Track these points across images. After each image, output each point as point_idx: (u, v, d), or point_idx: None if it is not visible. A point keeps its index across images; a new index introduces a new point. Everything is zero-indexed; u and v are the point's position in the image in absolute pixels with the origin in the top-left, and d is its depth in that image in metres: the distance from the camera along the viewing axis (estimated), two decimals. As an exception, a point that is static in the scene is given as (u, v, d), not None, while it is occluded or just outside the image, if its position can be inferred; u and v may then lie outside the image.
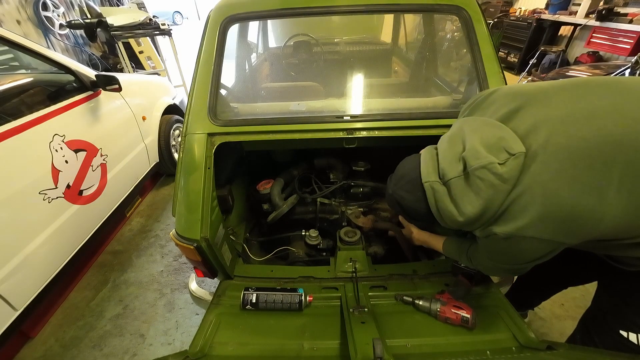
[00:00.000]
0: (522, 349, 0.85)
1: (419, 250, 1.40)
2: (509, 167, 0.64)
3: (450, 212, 0.72)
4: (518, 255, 0.74)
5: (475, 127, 0.73)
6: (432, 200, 0.74)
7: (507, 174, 0.64)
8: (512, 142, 0.66)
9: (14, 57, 2.82)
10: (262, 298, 1.02)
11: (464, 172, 0.69)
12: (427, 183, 0.74)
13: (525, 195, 0.65)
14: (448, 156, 0.72)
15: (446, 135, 0.79)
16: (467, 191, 0.69)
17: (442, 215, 0.75)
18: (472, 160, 0.67)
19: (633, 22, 4.07)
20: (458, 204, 0.71)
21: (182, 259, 2.14)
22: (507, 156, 0.65)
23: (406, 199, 0.81)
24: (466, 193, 0.69)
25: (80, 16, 4.28)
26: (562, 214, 0.62)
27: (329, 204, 1.52)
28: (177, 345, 1.63)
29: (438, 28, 1.97)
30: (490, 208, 0.68)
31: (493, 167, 0.64)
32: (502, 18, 6.34)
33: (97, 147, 1.90)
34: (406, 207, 0.82)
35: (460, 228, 0.77)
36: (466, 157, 0.68)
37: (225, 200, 1.33)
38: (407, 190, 0.80)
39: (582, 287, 1.75)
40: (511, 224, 0.68)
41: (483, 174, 0.65)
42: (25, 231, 1.46)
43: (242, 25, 1.93)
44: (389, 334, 0.90)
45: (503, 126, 0.70)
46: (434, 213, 0.77)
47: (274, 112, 1.34)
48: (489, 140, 0.67)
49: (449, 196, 0.72)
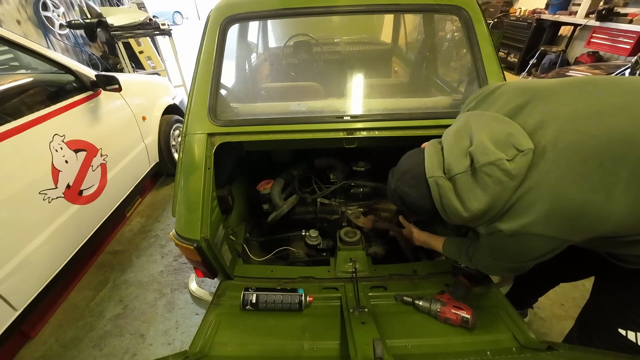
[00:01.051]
0: (522, 350, 0.85)
1: (419, 250, 1.40)
2: (517, 164, 0.64)
3: (455, 207, 0.71)
4: (521, 252, 0.74)
5: (483, 121, 0.72)
6: (437, 196, 0.73)
7: (515, 170, 0.64)
8: (521, 138, 0.65)
9: (14, 57, 2.82)
10: (262, 298, 1.02)
11: (471, 167, 0.68)
12: (431, 178, 0.73)
13: (532, 192, 0.64)
14: (454, 151, 0.71)
15: (451, 129, 0.78)
16: (473, 187, 0.68)
17: (447, 210, 0.74)
18: (480, 156, 0.66)
19: (633, 22, 4.07)
20: (464, 200, 0.70)
21: (182, 259, 2.14)
22: (516, 152, 0.64)
23: (410, 194, 0.79)
24: (472, 189, 0.68)
25: (80, 16, 4.28)
26: (570, 211, 0.62)
27: (329, 204, 1.52)
28: (177, 345, 1.63)
29: (438, 28, 1.97)
30: (497, 204, 0.67)
31: (501, 163, 0.64)
32: (502, 18, 6.34)
33: (97, 147, 1.90)
34: (409, 203, 0.81)
35: (464, 224, 0.77)
36: (474, 153, 0.67)
37: (225, 200, 1.33)
38: (410, 186, 0.79)
39: (582, 287, 1.76)
40: (517, 220, 0.67)
41: (491, 170, 0.65)
42: (25, 231, 1.46)
43: (242, 25, 1.93)
44: (389, 334, 0.90)
45: (511, 122, 0.69)
46: (438, 209, 0.76)
47: (274, 112, 1.34)
48: (497, 135, 0.67)
49: (454, 192, 0.71)
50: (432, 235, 1.21)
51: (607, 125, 0.61)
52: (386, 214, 1.56)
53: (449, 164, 0.71)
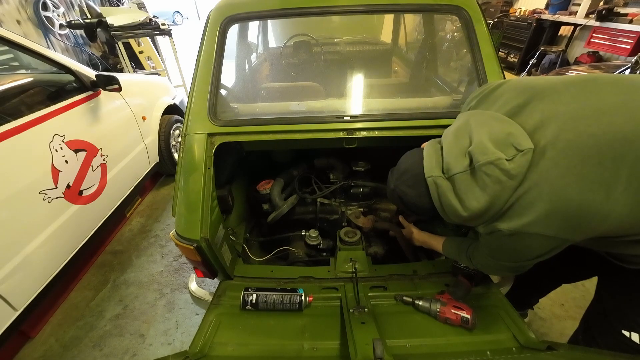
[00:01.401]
0: (522, 349, 0.85)
1: (419, 250, 1.40)
2: (516, 164, 0.64)
3: (454, 207, 0.71)
4: (521, 252, 0.73)
5: (483, 121, 0.71)
6: (436, 195, 0.73)
7: (515, 170, 0.64)
8: (521, 138, 0.65)
9: (14, 57, 2.82)
10: (262, 298, 1.02)
11: (470, 167, 0.68)
12: (430, 178, 0.73)
13: (532, 192, 0.64)
14: (454, 151, 0.71)
15: (451, 128, 0.78)
16: (472, 186, 0.68)
17: (446, 210, 0.74)
18: (479, 155, 0.65)
19: (633, 22, 4.07)
20: (462, 199, 0.70)
21: (182, 259, 2.14)
22: (515, 152, 0.64)
23: (409, 194, 0.80)
24: (471, 188, 0.68)
25: (80, 16, 4.29)
26: (569, 210, 0.62)
27: (329, 204, 1.52)
28: (177, 345, 1.63)
29: (438, 28, 1.97)
30: (496, 204, 0.67)
31: (500, 163, 0.63)
32: (502, 18, 6.34)
33: (97, 147, 1.90)
34: (409, 202, 0.81)
35: (463, 223, 0.77)
36: (473, 152, 0.67)
37: (225, 200, 1.33)
38: (409, 185, 0.79)
39: (582, 287, 1.76)
40: (517, 220, 0.67)
41: (490, 170, 0.64)
42: (25, 231, 1.46)
43: (242, 25, 1.93)
44: (389, 334, 0.90)
45: (511, 121, 0.69)
46: (437, 208, 0.76)
47: (274, 112, 1.34)
48: (497, 135, 0.66)
49: (453, 191, 0.71)
50: (432, 235, 1.21)
51: (607, 124, 0.61)
52: (386, 214, 1.56)
53: (448, 164, 0.71)
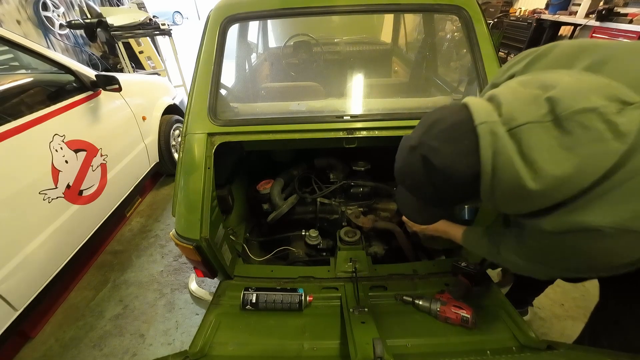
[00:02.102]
0: (522, 349, 0.85)
1: (419, 250, 1.40)
2: (628, 118, 0.44)
3: (517, 173, 0.48)
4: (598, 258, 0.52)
5: (561, 73, 0.52)
6: (489, 153, 0.49)
7: (625, 126, 0.44)
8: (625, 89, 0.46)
9: (14, 57, 2.82)
10: (262, 298, 1.02)
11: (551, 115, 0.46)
12: (483, 125, 0.49)
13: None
14: (520, 96, 0.50)
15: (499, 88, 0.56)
16: (552, 144, 0.46)
17: (498, 179, 0.50)
18: (570, 100, 0.45)
19: (633, 22, 4.06)
20: (534, 161, 0.46)
21: (182, 259, 2.14)
22: (622, 106, 0.45)
23: (442, 152, 0.53)
24: (551, 147, 0.46)
25: (80, 16, 4.29)
26: None
27: (328, 204, 1.52)
28: (177, 345, 1.63)
29: (438, 28, 1.97)
30: (586, 175, 0.46)
31: (607, 112, 0.44)
32: (502, 18, 6.35)
33: (97, 147, 1.90)
34: (437, 169, 0.54)
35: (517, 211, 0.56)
36: (558, 98, 0.46)
37: (225, 200, 1.33)
38: (444, 140, 0.53)
39: (582, 287, 1.76)
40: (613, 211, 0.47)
41: (589, 120, 0.44)
42: (25, 231, 1.46)
43: (242, 25, 1.93)
44: (389, 334, 0.90)
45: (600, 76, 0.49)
46: (483, 178, 0.51)
47: (274, 112, 1.35)
48: (590, 84, 0.47)
49: (517, 150, 0.48)
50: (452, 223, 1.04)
51: None
52: (386, 214, 1.56)
53: (510, 112, 0.48)
